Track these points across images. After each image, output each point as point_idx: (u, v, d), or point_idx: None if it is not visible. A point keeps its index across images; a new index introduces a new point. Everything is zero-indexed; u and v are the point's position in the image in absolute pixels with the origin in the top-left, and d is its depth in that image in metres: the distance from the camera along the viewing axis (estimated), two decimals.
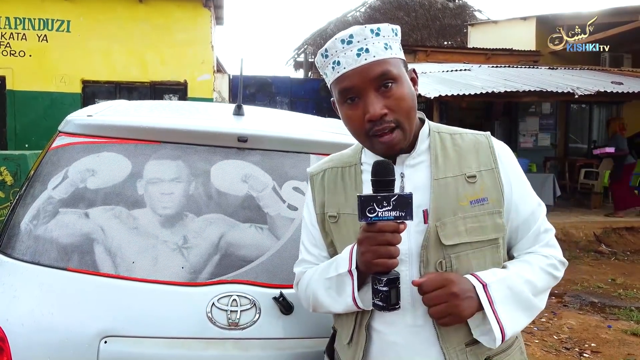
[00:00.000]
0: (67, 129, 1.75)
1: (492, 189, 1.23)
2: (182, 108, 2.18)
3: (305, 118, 2.43)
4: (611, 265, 7.10)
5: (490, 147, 1.28)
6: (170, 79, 10.52)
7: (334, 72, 1.20)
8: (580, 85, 8.53)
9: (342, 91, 1.19)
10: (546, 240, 1.29)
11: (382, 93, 1.16)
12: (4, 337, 1.45)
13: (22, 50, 10.16)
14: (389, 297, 1.08)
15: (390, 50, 1.18)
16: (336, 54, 1.18)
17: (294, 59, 18.92)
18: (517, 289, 1.18)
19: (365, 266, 1.13)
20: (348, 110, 1.21)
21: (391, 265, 1.09)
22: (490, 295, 1.14)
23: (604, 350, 4.18)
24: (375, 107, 1.15)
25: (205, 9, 10.54)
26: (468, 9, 20.71)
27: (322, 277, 1.27)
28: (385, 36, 1.19)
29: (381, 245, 1.08)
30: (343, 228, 1.30)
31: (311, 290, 1.31)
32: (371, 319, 1.25)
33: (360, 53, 1.16)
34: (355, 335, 1.27)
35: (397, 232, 1.09)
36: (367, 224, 1.10)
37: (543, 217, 1.30)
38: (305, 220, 1.41)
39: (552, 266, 1.26)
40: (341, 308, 1.25)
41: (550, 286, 1.27)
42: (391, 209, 1.07)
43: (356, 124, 1.20)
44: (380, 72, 1.15)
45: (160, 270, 1.57)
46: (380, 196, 1.08)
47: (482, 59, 12.93)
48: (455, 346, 1.19)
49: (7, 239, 1.60)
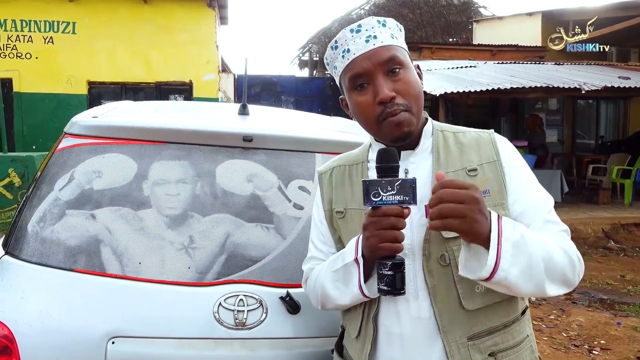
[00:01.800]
0: (73, 130, 1.75)
1: (493, 181, 1.23)
2: (187, 108, 2.18)
3: (311, 117, 2.42)
4: (620, 262, 7.06)
5: (493, 141, 1.29)
6: (176, 79, 10.56)
7: (344, 61, 1.23)
8: (587, 81, 8.49)
9: (352, 78, 1.22)
10: (556, 231, 1.20)
11: (391, 77, 1.20)
12: (13, 338, 1.46)
13: (28, 53, 10.23)
14: (394, 282, 1.09)
15: (396, 40, 1.23)
16: (346, 43, 1.22)
17: (299, 58, 18.91)
18: (530, 241, 1.08)
19: (371, 251, 1.13)
20: (358, 97, 1.23)
21: (396, 249, 1.10)
22: (501, 227, 1.06)
23: (614, 347, 4.15)
24: (385, 90, 1.18)
25: (210, 9, 10.56)
26: (473, 5, 20.62)
27: (329, 270, 1.29)
28: (391, 28, 1.24)
29: (386, 229, 1.09)
30: (350, 223, 1.31)
31: (319, 285, 1.32)
32: (378, 311, 1.26)
33: (369, 39, 1.20)
34: (363, 328, 1.28)
35: (401, 217, 1.10)
36: (372, 208, 1.11)
37: (551, 210, 1.24)
38: (315, 218, 1.43)
39: (567, 246, 1.16)
40: (348, 299, 1.25)
41: (562, 264, 1.13)
42: (395, 194, 1.08)
43: (367, 110, 1.21)
44: (389, 57, 1.19)
45: (166, 271, 1.58)
46: (385, 180, 1.09)
47: (488, 56, 12.88)
48: (457, 339, 1.18)
49: (14, 241, 1.61)
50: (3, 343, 1.45)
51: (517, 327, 1.24)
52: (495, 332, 1.20)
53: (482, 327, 1.19)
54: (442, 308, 1.19)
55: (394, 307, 1.23)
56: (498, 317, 1.21)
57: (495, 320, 1.20)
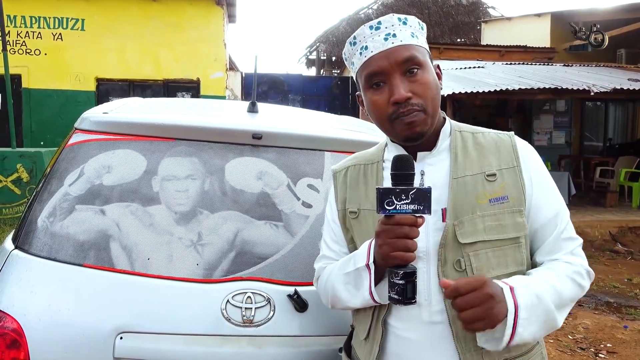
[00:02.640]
0: (83, 126, 1.76)
1: (512, 187, 1.21)
2: (196, 105, 2.18)
3: (319, 115, 2.42)
4: (627, 265, 7.01)
5: (513, 145, 1.26)
6: (183, 76, 10.58)
7: (362, 58, 1.21)
8: (596, 83, 8.44)
9: (369, 76, 1.21)
10: (571, 248, 1.24)
11: (408, 78, 1.18)
12: (22, 332, 1.46)
13: (37, 49, 10.28)
14: (405, 291, 1.07)
15: (416, 39, 1.21)
16: (364, 40, 1.21)
17: (306, 57, 18.89)
18: (543, 296, 1.13)
19: (383, 259, 1.12)
20: (373, 95, 1.21)
21: (408, 258, 1.08)
22: (516, 300, 1.09)
23: (620, 350, 4.13)
24: (401, 90, 1.16)
25: (218, 7, 10.58)
26: (481, 5, 20.54)
27: (341, 272, 1.28)
28: (412, 26, 1.22)
29: (399, 238, 1.08)
30: (363, 223, 1.30)
31: (330, 285, 1.32)
32: (387, 314, 1.25)
33: (388, 37, 1.18)
34: (372, 330, 1.27)
35: (415, 226, 1.08)
36: (385, 216, 1.10)
37: (567, 222, 1.25)
38: (328, 217, 1.42)
39: (577, 274, 1.21)
40: (359, 303, 1.25)
41: (575, 297, 1.20)
42: (409, 202, 1.07)
43: (381, 108, 1.20)
44: (407, 57, 1.17)
45: (175, 267, 1.58)
46: (399, 189, 1.07)
47: (496, 56, 12.83)
48: (470, 346, 1.17)
49: (24, 235, 1.61)
50: (12, 337, 1.46)
51: None
52: None
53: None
54: (457, 314, 1.16)
55: (405, 310, 1.21)
56: None
57: None
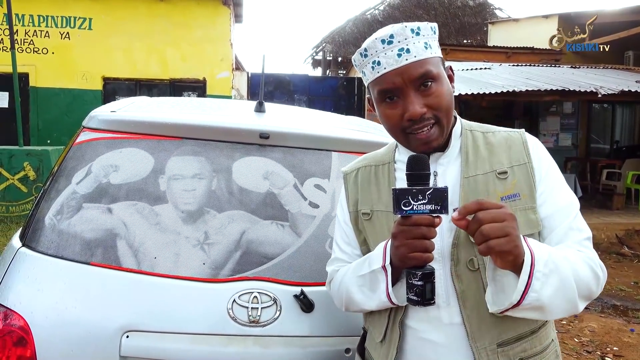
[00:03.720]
0: (91, 124, 1.76)
1: (524, 184, 1.21)
2: (203, 104, 2.18)
3: (326, 115, 2.42)
4: (634, 268, 6.97)
5: (524, 142, 1.26)
6: (190, 76, 10.61)
7: (374, 72, 1.19)
8: (603, 85, 8.39)
9: (382, 92, 1.20)
10: (579, 239, 1.19)
11: (422, 92, 1.17)
12: (29, 330, 1.47)
13: (44, 48, 10.34)
14: (424, 292, 1.06)
15: (430, 49, 1.18)
16: (376, 54, 1.18)
17: (312, 57, 18.90)
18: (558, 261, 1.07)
19: (400, 260, 1.11)
20: (387, 109, 1.20)
21: (426, 259, 1.07)
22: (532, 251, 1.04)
23: (627, 354, 4.10)
24: (416, 107, 1.15)
25: (225, 7, 10.60)
26: (488, 7, 20.49)
27: (355, 274, 1.27)
28: (425, 35, 1.19)
29: (416, 238, 1.07)
30: (377, 225, 1.30)
31: (344, 288, 1.31)
32: (405, 316, 1.24)
33: (402, 53, 1.16)
34: (389, 332, 1.26)
35: (432, 226, 1.08)
36: (402, 217, 1.09)
37: (577, 214, 1.22)
38: (339, 218, 1.41)
39: (591, 260, 1.15)
40: (375, 305, 1.24)
41: (590, 284, 1.12)
42: (426, 203, 1.06)
43: (394, 122, 1.20)
44: (422, 73, 1.16)
45: (181, 266, 1.58)
46: (416, 189, 1.06)
47: (503, 58, 12.79)
48: (486, 346, 1.16)
49: (32, 233, 1.62)
50: (19, 334, 1.47)
51: (544, 332, 1.23)
52: (524, 338, 1.19)
53: (511, 333, 1.18)
54: (471, 314, 1.17)
55: (424, 312, 1.20)
56: (526, 323, 1.19)
57: (524, 326, 1.19)
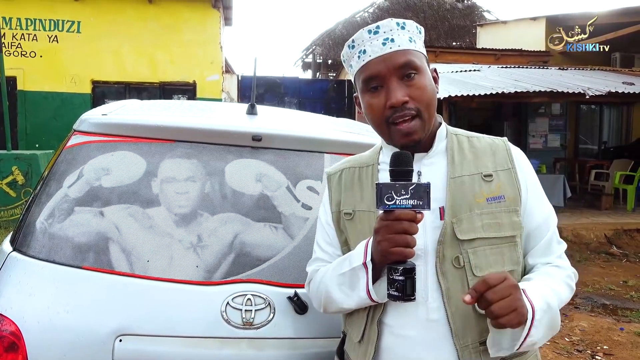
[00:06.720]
0: (82, 127, 1.75)
1: (508, 187, 1.24)
2: (195, 107, 2.18)
3: (318, 117, 2.42)
4: (622, 267, 7.04)
5: (507, 149, 1.31)
6: (180, 79, 10.57)
7: (360, 61, 1.23)
8: (591, 86, 8.48)
9: (366, 79, 1.22)
10: (559, 252, 1.29)
11: (405, 82, 1.20)
12: (20, 335, 1.45)
13: (32, 51, 10.25)
14: (405, 287, 1.08)
15: (414, 44, 1.23)
16: (363, 44, 1.22)
17: (302, 60, 18.92)
18: (551, 301, 1.15)
19: (382, 255, 1.12)
20: (370, 99, 1.23)
21: (408, 254, 1.09)
22: (531, 301, 1.10)
23: (617, 352, 4.14)
24: (397, 94, 1.18)
25: (214, 10, 10.58)
26: (477, 9, 20.63)
27: (335, 273, 1.28)
28: (410, 31, 1.23)
29: (398, 233, 1.08)
30: (358, 225, 1.31)
31: (323, 287, 1.31)
32: (383, 314, 1.25)
33: (386, 42, 1.20)
34: (367, 331, 1.26)
35: (414, 222, 1.09)
36: (385, 212, 1.10)
37: (555, 227, 1.30)
38: (321, 219, 1.42)
39: (569, 277, 1.26)
40: (354, 303, 1.24)
41: (568, 299, 1.25)
42: (409, 198, 1.07)
43: (377, 112, 1.22)
44: (405, 62, 1.19)
45: (174, 269, 1.57)
46: (399, 184, 1.08)
47: (492, 60, 12.88)
48: (469, 344, 1.17)
49: (22, 237, 1.61)
50: (10, 340, 1.45)
51: None
52: None
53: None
54: (455, 311, 1.18)
55: (402, 309, 1.21)
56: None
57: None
